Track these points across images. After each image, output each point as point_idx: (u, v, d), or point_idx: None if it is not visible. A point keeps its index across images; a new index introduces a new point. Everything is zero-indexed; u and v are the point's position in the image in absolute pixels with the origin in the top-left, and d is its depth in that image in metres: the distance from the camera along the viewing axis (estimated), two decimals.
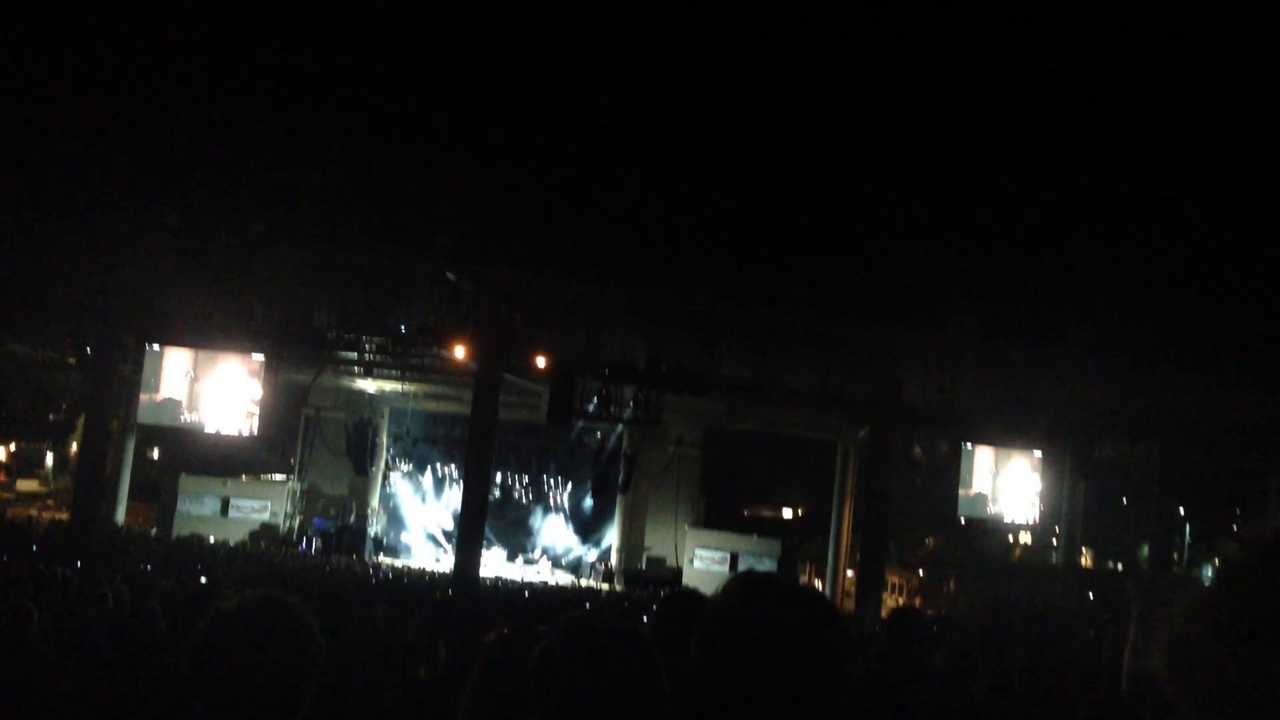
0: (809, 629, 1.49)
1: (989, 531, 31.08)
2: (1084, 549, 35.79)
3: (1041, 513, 25.39)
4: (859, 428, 27.53)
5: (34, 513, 33.61)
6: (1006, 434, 23.72)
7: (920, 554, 39.06)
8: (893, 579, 33.55)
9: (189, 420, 22.76)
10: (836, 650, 1.51)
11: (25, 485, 42.43)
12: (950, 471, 24.33)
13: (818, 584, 33.37)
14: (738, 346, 22.23)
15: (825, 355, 21.90)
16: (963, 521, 25.35)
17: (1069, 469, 26.53)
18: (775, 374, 22.29)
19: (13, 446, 46.19)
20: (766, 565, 30.55)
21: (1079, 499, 31.03)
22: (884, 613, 22.73)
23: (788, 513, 44.78)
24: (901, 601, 33.50)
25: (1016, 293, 19.34)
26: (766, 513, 44.15)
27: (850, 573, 29.99)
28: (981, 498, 24.29)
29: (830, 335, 21.37)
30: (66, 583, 12.16)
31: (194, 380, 22.62)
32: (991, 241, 18.96)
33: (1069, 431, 23.24)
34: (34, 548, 21.71)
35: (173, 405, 22.70)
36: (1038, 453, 24.64)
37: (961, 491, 24.04)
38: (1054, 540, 32.71)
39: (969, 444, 23.86)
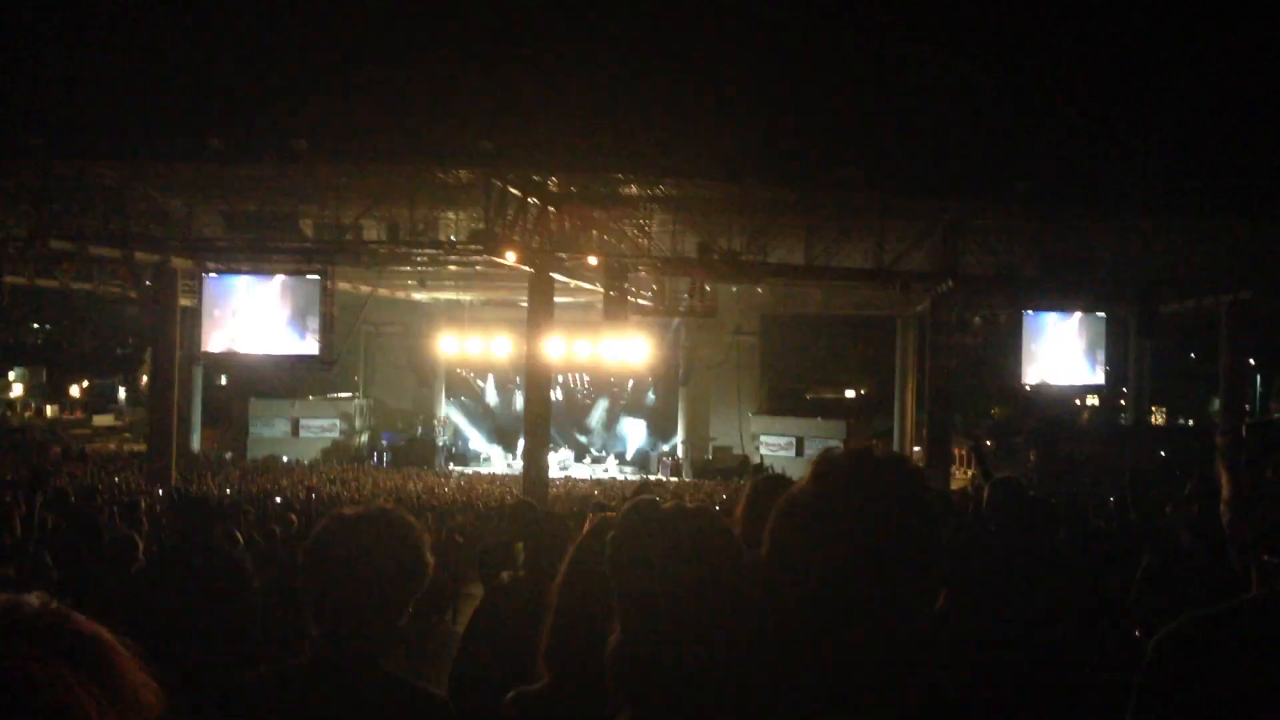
0: (893, 497, 1.43)
1: (1055, 397, 30.80)
2: (1153, 408, 35.44)
3: (1108, 374, 25.09)
4: (917, 302, 27.24)
5: (112, 446, 34.51)
6: (1067, 298, 23.31)
7: (986, 424, 38.90)
8: (959, 451, 33.48)
9: (251, 345, 23.08)
10: (923, 519, 1.45)
11: (101, 420, 43.53)
12: (1012, 339, 24.05)
13: None
14: (789, 229, 21.98)
15: (878, 231, 21.59)
16: (1027, 389, 25.09)
17: (1133, 329, 26.09)
18: (829, 254, 22.04)
19: (85, 383, 47.33)
20: (833, 446, 30.59)
21: (1145, 358, 30.63)
22: (953, 485, 22.77)
23: (850, 393, 44.73)
24: (970, 473, 33.50)
25: (1073, 151, 18.87)
26: (829, 394, 44.15)
27: (917, 448, 29.97)
28: (1045, 364, 24.01)
29: (882, 210, 21.03)
30: (151, 510, 12.50)
31: (253, 304, 22.87)
32: (1043, 98, 18.45)
33: (1131, 290, 22.76)
34: (115, 480, 22.30)
35: (234, 330, 23.02)
36: (1101, 314, 24.23)
37: (1024, 358, 23.77)
38: (1122, 401, 32.39)
39: (1029, 310, 23.52)
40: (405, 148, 18.27)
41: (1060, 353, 24.16)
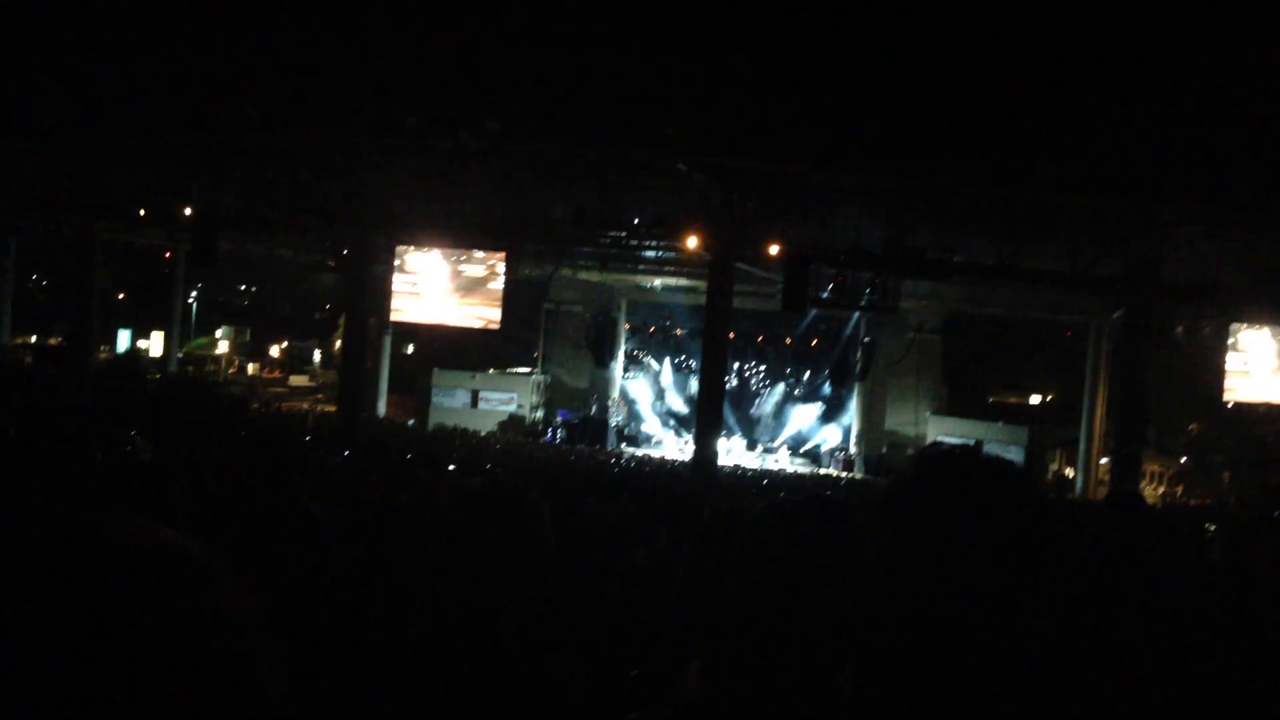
0: (993, 502, 1.36)
1: (1263, 416, 28.99)
2: None
3: None
4: (1113, 309, 26.02)
5: (305, 405, 36.22)
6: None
7: (1183, 440, 36.92)
8: (1151, 467, 31.88)
9: (436, 316, 23.84)
10: (1025, 527, 1.37)
11: (297, 380, 45.76)
12: (1216, 352, 22.72)
13: (1069, 472, 32.17)
14: (980, 227, 21.29)
15: (1076, 232, 20.69)
16: (1230, 405, 23.67)
17: None
18: (1021, 255, 21.24)
19: (284, 344, 49.86)
20: (1013, 453, 29.60)
21: None
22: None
23: (1036, 398, 43.21)
24: (1161, 491, 31.89)
25: None
26: (1013, 399, 42.77)
27: (1105, 460, 28.70)
28: (1253, 379, 22.60)
29: (1081, 211, 20.15)
30: (333, 470, 13.00)
31: (441, 277, 23.63)
32: (1260, 93, 17.23)
33: None
34: (307, 438, 23.40)
35: (421, 301, 23.83)
36: None
37: (1229, 373, 22.44)
38: None
39: (1237, 323, 22.16)
40: (594, 130, 18.48)
41: (1270, 369, 22.70)
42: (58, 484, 4.40)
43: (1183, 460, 35.74)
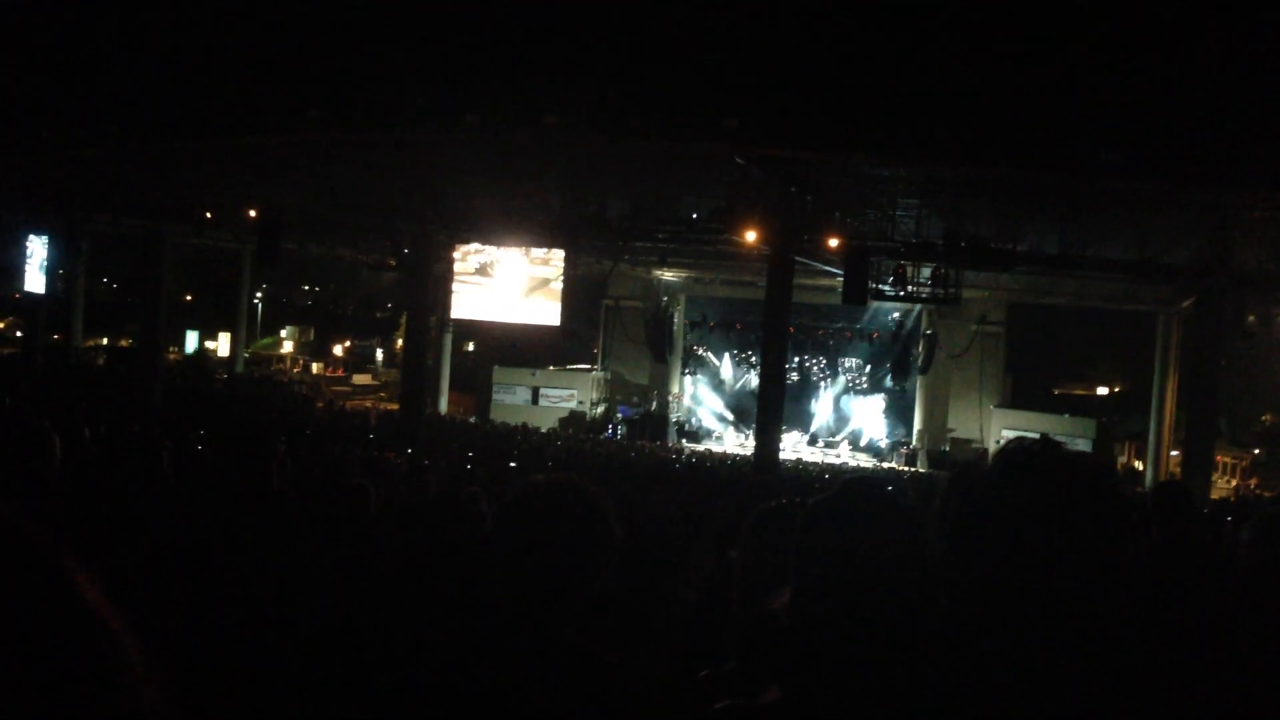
0: (1075, 500, 1.35)
1: None
2: None
3: None
4: (1183, 297, 25.50)
5: (368, 404, 36.65)
6: None
7: (1256, 431, 36.11)
8: (1224, 459, 31.22)
9: (496, 313, 23.98)
10: (1108, 526, 1.34)
11: (360, 379, 46.30)
12: None
13: (1138, 465, 31.61)
14: (1043, 216, 20.95)
15: (1143, 220, 20.28)
16: None
17: None
18: (1085, 243, 20.87)
19: (347, 343, 50.49)
20: (1080, 446, 29.07)
21: None
22: (1214, 494, 21.26)
23: (1102, 390, 42.48)
24: (1234, 483, 31.21)
25: None
26: (1079, 391, 42.09)
27: (1175, 453, 28.15)
28: None
29: (1148, 198, 19.74)
30: (395, 468, 13.15)
31: (500, 275, 23.75)
32: None
33: None
34: (370, 436, 23.67)
35: (482, 299, 23.98)
36: None
37: None
38: None
39: None
40: (651, 124, 18.46)
41: None
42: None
43: (1256, 451, 34.98)
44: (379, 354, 49.94)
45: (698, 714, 1.84)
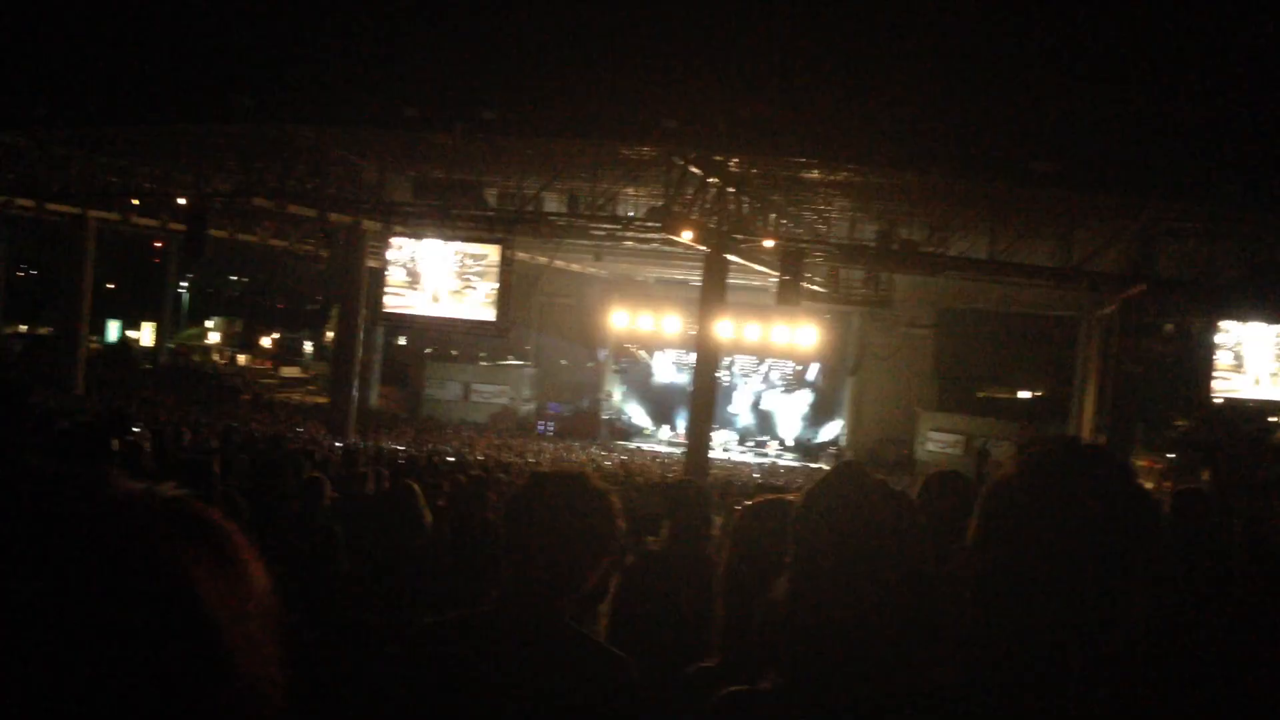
0: (1109, 488, 1.37)
1: (1248, 413, 29.10)
2: None
3: None
4: (1104, 304, 26.12)
5: (297, 397, 36.15)
6: (1270, 308, 21.93)
7: (1170, 436, 37.06)
8: (1139, 463, 32.00)
9: (431, 309, 23.76)
10: (1141, 512, 1.38)
11: (288, 371, 45.58)
12: (1203, 348, 22.80)
13: None
14: (972, 222, 21.35)
15: (1068, 228, 20.76)
16: (1216, 402, 23.72)
17: None
18: (1012, 250, 21.32)
19: (276, 335, 49.72)
20: (1003, 449, 29.70)
21: None
22: None
23: (1025, 394, 43.27)
24: (1150, 487, 31.96)
25: None
26: (1002, 394, 42.80)
27: None
28: (1239, 376, 22.69)
29: (1074, 206, 20.21)
30: (328, 464, 13.01)
31: (434, 269, 23.54)
32: (1251, 91, 17.32)
33: None
34: (299, 430, 23.39)
35: (415, 294, 23.74)
36: None
37: (1216, 370, 22.52)
38: None
39: (1227, 319, 22.22)
40: (589, 123, 18.48)
41: (1258, 366, 22.80)
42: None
43: (1170, 456, 35.89)
44: (308, 346, 49.23)
45: (697, 705, 1.86)
